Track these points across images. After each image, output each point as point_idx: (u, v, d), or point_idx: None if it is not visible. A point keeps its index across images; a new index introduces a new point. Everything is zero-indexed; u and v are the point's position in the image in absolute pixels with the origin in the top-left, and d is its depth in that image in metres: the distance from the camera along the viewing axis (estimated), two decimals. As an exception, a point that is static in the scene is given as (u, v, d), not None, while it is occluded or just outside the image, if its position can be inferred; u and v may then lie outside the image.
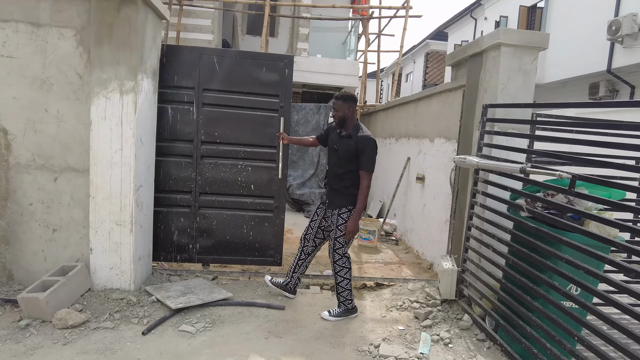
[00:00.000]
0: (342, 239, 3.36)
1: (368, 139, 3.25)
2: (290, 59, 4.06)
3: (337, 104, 3.32)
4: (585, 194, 2.48)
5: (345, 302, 3.44)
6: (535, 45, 3.41)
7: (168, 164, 3.94)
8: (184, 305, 3.24)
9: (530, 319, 2.74)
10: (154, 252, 3.97)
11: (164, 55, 3.80)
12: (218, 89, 3.94)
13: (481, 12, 16.46)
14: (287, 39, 9.71)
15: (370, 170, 3.27)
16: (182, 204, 4.01)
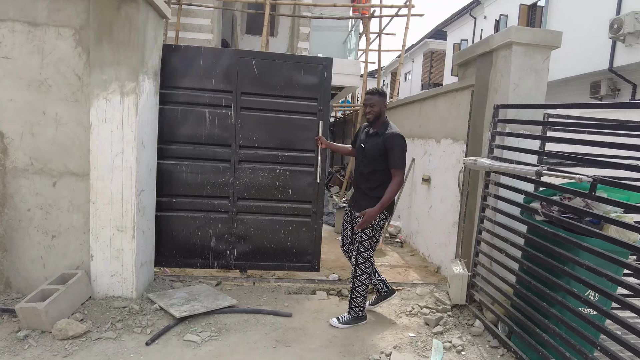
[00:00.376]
0: (368, 242, 3.25)
1: (396, 136, 3.13)
2: (329, 61, 3.99)
3: (373, 99, 3.21)
4: (606, 198, 2.39)
5: (356, 309, 3.34)
6: (547, 44, 3.33)
7: (206, 168, 3.88)
8: (188, 313, 3.14)
9: (548, 327, 2.66)
10: (188, 259, 3.96)
11: (200, 58, 3.74)
12: (256, 92, 3.88)
13: (481, 10, 16.40)
14: (287, 38, 9.61)
15: (401, 167, 3.13)
16: (220, 210, 3.96)
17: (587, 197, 2.45)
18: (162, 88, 3.67)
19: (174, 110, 3.77)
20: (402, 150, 3.13)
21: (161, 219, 3.84)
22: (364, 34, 9.09)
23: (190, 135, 3.81)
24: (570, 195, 2.74)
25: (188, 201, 3.88)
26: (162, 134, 3.73)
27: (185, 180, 3.85)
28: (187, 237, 3.93)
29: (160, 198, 3.78)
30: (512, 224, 3.20)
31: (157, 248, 3.84)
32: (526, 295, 2.90)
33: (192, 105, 3.78)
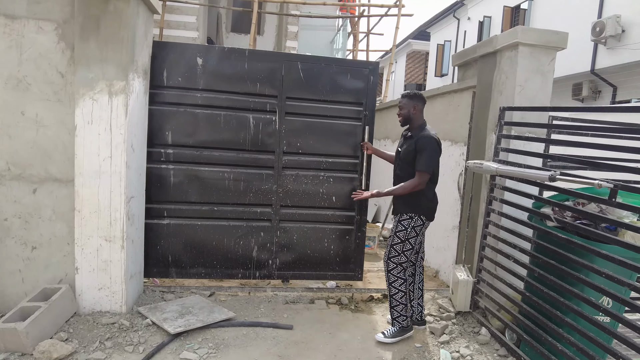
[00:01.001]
0: (399, 246, 3.11)
1: (428, 138, 3.01)
2: (375, 65, 3.90)
3: (401, 102, 3.15)
4: (626, 204, 2.31)
5: (399, 319, 3.15)
6: (553, 45, 3.26)
7: (248, 175, 3.74)
8: (183, 328, 2.94)
9: (562, 335, 2.57)
10: (231, 269, 3.81)
11: (245, 60, 3.59)
12: (301, 97, 3.75)
13: (464, 12, 16.53)
14: (274, 37, 9.41)
15: (424, 170, 2.98)
16: (263, 218, 3.82)
17: (607, 204, 2.38)
18: (201, 91, 3.57)
19: (214, 114, 3.63)
20: (433, 153, 2.99)
21: (193, 227, 3.72)
22: (352, 34, 8.97)
23: (233, 141, 3.68)
24: (584, 200, 2.67)
25: (230, 209, 3.75)
26: (194, 137, 3.62)
27: (227, 187, 3.71)
28: (229, 247, 3.79)
29: (198, 206, 3.70)
30: (519, 229, 3.12)
31: (180, 258, 3.72)
32: (537, 302, 2.81)
33: (235, 110, 3.63)
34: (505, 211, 3.31)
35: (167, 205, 3.62)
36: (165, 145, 3.56)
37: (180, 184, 3.61)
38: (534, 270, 2.88)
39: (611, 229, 2.58)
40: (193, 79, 3.54)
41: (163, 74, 3.48)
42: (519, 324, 3.06)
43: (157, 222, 3.62)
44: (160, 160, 3.55)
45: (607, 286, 2.36)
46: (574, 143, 2.84)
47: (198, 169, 3.64)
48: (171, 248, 3.67)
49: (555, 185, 2.75)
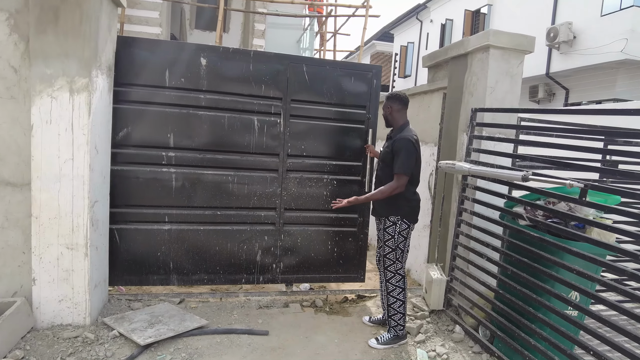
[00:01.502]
0: (392, 254, 3.09)
1: (404, 140, 2.97)
2: (378, 69, 3.89)
3: (383, 103, 3.19)
4: (594, 203, 2.40)
5: (395, 328, 3.12)
6: (522, 49, 3.36)
7: (252, 178, 3.66)
8: (154, 339, 2.78)
9: (534, 330, 2.65)
10: (229, 275, 3.71)
11: (250, 62, 3.51)
12: (306, 99, 3.70)
13: (427, 14, 16.91)
14: (240, 35, 9.22)
15: (402, 173, 2.94)
16: (267, 222, 3.75)
17: (576, 202, 2.46)
18: (206, 93, 3.47)
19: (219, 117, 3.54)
20: (408, 154, 2.95)
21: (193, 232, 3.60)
22: (319, 34, 8.94)
23: (239, 144, 3.60)
24: (555, 200, 2.75)
25: (234, 214, 3.67)
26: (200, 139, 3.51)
27: (231, 190, 3.63)
28: (232, 252, 3.71)
29: (205, 210, 3.60)
30: (491, 228, 3.19)
31: (182, 265, 3.61)
32: (510, 300, 2.88)
33: (242, 112, 3.56)
34: (477, 210, 3.37)
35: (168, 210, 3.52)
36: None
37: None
38: (506, 268, 2.95)
39: (579, 227, 2.68)
40: (195, 78, 3.45)
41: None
42: (492, 320, 3.12)
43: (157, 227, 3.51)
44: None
45: (575, 281, 2.45)
46: (542, 144, 2.94)
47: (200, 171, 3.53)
48: (172, 254, 3.57)
49: (526, 184, 2.83)
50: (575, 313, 2.71)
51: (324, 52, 8.44)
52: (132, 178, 3.37)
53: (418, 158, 3.07)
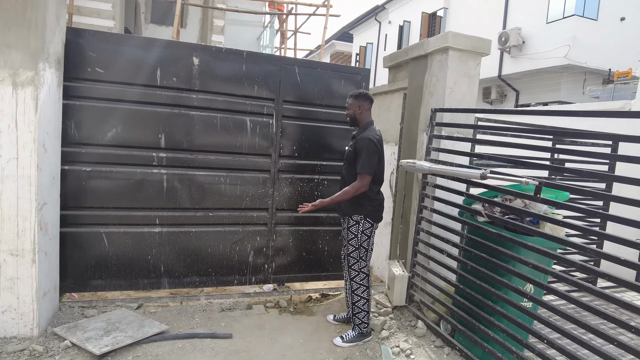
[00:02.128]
0: (356, 253, 3.09)
1: (365, 140, 2.96)
2: (366, 72, 4.01)
3: (347, 101, 3.13)
4: (547, 199, 2.53)
5: (360, 325, 3.14)
6: (479, 51, 3.47)
7: (245, 179, 3.66)
8: (110, 347, 2.64)
9: (492, 323, 2.75)
10: (222, 276, 3.69)
11: (243, 62, 3.50)
12: (298, 101, 3.74)
13: (385, 15, 17.21)
14: (198, 31, 8.96)
15: (364, 172, 2.94)
16: (259, 222, 3.77)
17: (531, 199, 2.58)
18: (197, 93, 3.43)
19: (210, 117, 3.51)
20: (369, 154, 2.94)
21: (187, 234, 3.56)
22: (280, 31, 8.87)
23: (231, 145, 3.59)
24: (511, 197, 2.87)
25: (226, 215, 3.64)
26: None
27: (223, 192, 3.61)
28: (225, 254, 3.69)
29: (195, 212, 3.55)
30: (450, 224, 3.28)
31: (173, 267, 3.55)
32: (469, 294, 2.97)
33: (232, 112, 3.54)
34: (436, 208, 3.46)
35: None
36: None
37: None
38: (466, 263, 3.04)
39: (534, 222, 2.81)
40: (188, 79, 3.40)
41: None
42: (453, 315, 3.22)
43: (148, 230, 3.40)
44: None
45: (530, 274, 2.57)
46: (497, 143, 3.05)
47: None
48: (164, 257, 3.51)
49: (485, 182, 2.93)
50: (529, 304, 2.85)
51: (284, 50, 8.38)
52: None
53: (381, 157, 3.08)
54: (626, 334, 3.30)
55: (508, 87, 11.83)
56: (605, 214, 2.37)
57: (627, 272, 4.79)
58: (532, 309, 2.67)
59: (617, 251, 2.13)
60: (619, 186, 4.58)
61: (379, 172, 3.11)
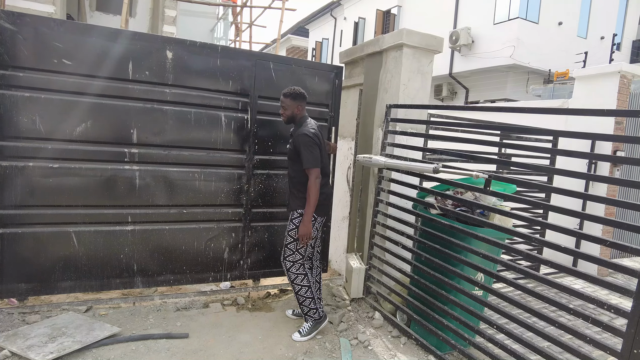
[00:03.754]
0: (293, 245, 3.07)
1: (301, 136, 2.95)
2: (340, 69, 4.00)
3: (285, 101, 3.06)
4: (496, 192, 2.66)
5: (310, 314, 3.14)
6: (432, 48, 3.57)
7: (219, 175, 3.60)
8: (56, 354, 2.50)
9: (446, 311, 2.86)
10: (198, 273, 3.63)
11: (216, 57, 3.44)
12: (273, 96, 3.65)
13: (341, 11, 17.31)
14: (149, 21, 8.57)
15: (312, 166, 2.93)
16: (234, 219, 3.73)
17: (481, 192, 2.70)
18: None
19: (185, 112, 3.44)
20: (309, 148, 2.94)
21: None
22: (234, 24, 8.68)
23: (205, 140, 3.52)
24: (462, 189, 2.99)
25: (200, 211, 3.59)
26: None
27: (197, 188, 3.54)
28: (200, 251, 3.63)
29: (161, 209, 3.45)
30: (405, 217, 3.38)
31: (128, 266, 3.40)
32: (424, 284, 3.08)
33: (207, 107, 3.49)
34: (392, 201, 3.55)
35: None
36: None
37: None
38: (420, 254, 3.15)
39: (482, 214, 2.94)
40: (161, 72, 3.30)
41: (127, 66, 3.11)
42: (408, 305, 3.32)
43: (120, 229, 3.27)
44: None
45: (481, 263, 2.70)
46: (448, 138, 3.17)
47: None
48: (137, 255, 3.40)
49: (437, 176, 3.04)
50: (480, 292, 2.99)
51: (239, 42, 8.22)
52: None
53: (322, 149, 3.07)
54: (565, 315, 3.55)
55: (458, 84, 12.29)
56: (546, 204, 2.53)
57: (566, 259, 5.14)
58: (483, 297, 2.81)
59: (558, 240, 2.28)
60: (559, 178, 4.91)
61: (325, 164, 3.15)
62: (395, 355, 3.00)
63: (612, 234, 5.29)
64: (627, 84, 5.17)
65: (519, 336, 2.38)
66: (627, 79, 5.15)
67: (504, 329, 2.46)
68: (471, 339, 2.70)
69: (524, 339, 2.36)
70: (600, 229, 5.10)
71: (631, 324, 1.91)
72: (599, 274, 4.90)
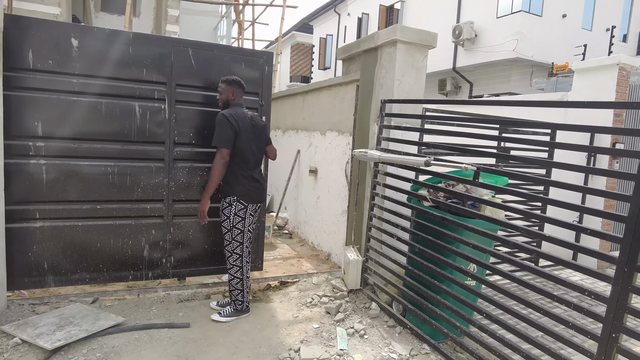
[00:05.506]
0: (228, 235, 3.21)
1: (218, 115, 3.11)
2: (270, 55, 3.85)
3: (221, 87, 3.24)
4: (483, 183, 2.72)
5: (235, 302, 3.32)
6: (426, 44, 3.63)
7: (135, 169, 3.46)
8: (64, 342, 2.63)
9: (439, 301, 2.94)
10: (115, 272, 3.51)
11: (129, 44, 3.32)
12: (192, 84, 3.55)
13: (344, 7, 17.32)
14: (152, 20, 8.70)
15: (218, 144, 3.03)
16: (153, 215, 3.58)
17: (471, 184, 2.77)
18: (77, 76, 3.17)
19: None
20: (220, 127, 3.05)
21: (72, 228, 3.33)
22: (237, 22, 8.78)
23: (118, 132, 3.37)
24: (454, 182, 3.06)
25: (116, 207, 3.46)
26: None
27: (111, 183, 3.42)
28: (116, 248, 3.49)
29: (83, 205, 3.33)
30: (400, 210, 3.45)
31: (59, 264, 3.33)
32: (418, 275, 3.16)
33: (119, 97, 3.34)
34: (387, 194, 3.62)
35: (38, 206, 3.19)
36: (33, 138, 3.11)
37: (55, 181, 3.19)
38: (414, 245, 3.22)
39: (473, 205, 3.01)
40: (65, 61, 3.15)
41: (27, 55, 3.01)
42: (404, 295, 3.40)
43: (27, 225, 3.18)
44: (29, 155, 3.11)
45: (472, 254, 2.76)
46: (443, 132, 3.23)
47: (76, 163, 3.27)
48: (47, 253, 3.27)
49: (430, 169, 3.11)
50: (473, 283, 3.06)
51: (242, 40, 8.32)
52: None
53: (239, 133, 3.09)
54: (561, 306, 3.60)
55: (462, 79, 12.27)
56: (535, 196, 2.59)
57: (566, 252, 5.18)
58: (476, 287, 2.88)
59: (558, 233, 2.31)
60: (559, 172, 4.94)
61: (244, 148, 3.14)
62: (390, 344, 3.09)
63: (611, 227, 5.32)
64: (626, 76, 5.17)
65: (512, 326, 2.44)
66: (626, 70, 5.16)
67: (492, 316, 2.54)
68: (464, 327, 2.77)
69: (514, 328, 2.42)
70: (600, 222, 5.12)
71: (610, 309, 1.97)
72: (599, 267, 4.94)
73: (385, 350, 3.00)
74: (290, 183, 6.05)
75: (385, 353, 2.96)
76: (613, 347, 1.95)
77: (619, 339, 1.94)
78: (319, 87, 5.23)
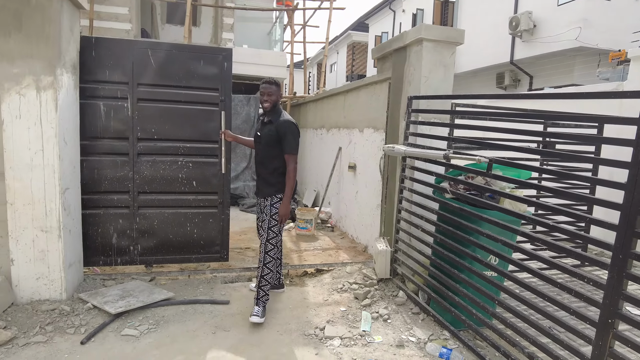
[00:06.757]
0: (277, 228, 3.34)
1: (288, 123, 3.25)
2: (228, 52, 4.01)
3: (271, 88, 3.29)
4: (499, 175, 2.80)
5: (264, 298, 3.31)
6: (453, 41, 3.72)
7: (101, 163, 3.75)
8: (124, 309, 3.13)
9: (458, 290, 3.05)
10: (89, 257, 3.79)
11: (92, 48, 3.57)
12: (154, 83, 3.80)
13: (399, 4, 17.21)
14: (211, 29, 9.41)
15: (294, 153, 3.24)
16: (120, 205, 3.85)
17: (484, 175, 2.86)
18: None
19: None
20: (294, 136, 3.24)
21: None
22: (289, 26, 9.21)
23: (84, 130, 3.63)
24: (473, 174, 3.16)
25: (85, 198, 3.72)
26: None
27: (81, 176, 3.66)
28: (88, 235, 3.78)
29: None
30: (426, 203, 3.59)
31: None
32: (440, 265, 3.29)
33: (84, 98, 3.60)
34: (415, 188, 3.77)
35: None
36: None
37: None
38: (437, 237, 3.36)
39: (491, 197, 3.08)
40: None
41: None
42: (428, 285, 3.53)
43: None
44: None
45: (491, 245, 2.83)
46: (470, 126, 3.29)
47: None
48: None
49: (454, 163, 3.22)
50: (491, 273, 3.12)
51: (292, 44, 8.72)
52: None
53: None
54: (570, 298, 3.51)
55: (521, 72, 11.74)
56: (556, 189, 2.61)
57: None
58: (498, 279, 2.93)
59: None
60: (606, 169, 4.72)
61: None
62: (411, 329, 3.25)
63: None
64: (689, 63, 4.81)
65: (527, 316, 2.52)
66: (688, 57, 4.80)
67: (504, 303, 2.62)
68: (482, 317, 2.85)
69: (529, 318, 2.49)
70: None
71: (606, 295, 2.02)
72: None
73: (406, 334, 3.18)
74: (332, 179, 6.32)
75: (405, 336, 3.13)
76: (609, 332, 2.00)
77: (615, 324, 1.99)
78: (357, 86, 5.45)
